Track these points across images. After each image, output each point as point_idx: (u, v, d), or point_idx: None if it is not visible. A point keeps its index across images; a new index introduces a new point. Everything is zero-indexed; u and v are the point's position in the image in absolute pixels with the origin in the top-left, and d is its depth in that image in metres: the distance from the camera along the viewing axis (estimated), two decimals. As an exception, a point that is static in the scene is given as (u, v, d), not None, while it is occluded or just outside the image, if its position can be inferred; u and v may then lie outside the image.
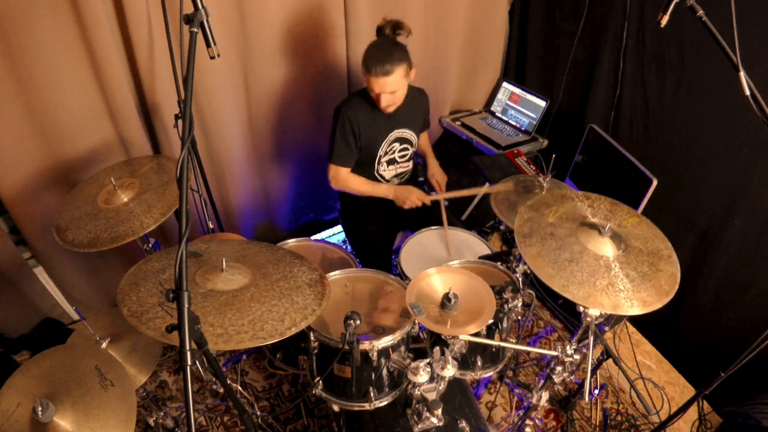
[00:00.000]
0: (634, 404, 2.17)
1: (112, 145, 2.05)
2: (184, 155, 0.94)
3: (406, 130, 2.07)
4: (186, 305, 0.87)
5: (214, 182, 2.40)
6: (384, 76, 1.79)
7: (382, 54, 1.78)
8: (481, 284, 1.49)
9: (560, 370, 1.55)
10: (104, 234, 1.53)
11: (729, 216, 2.03)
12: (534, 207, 1.52)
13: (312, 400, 2.12)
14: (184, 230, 0.89)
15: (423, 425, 1.45)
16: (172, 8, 1.80)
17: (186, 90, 1.01)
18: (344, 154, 1.99)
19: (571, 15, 2.56)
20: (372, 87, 1.84)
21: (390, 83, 1.81)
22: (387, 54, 1.78)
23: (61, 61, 1.76)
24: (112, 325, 1.49)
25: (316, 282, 1.40)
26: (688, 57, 2.05)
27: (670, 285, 1.30)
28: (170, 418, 1.57)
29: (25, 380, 1.19)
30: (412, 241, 2.00)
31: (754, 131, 1.87)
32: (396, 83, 1.82)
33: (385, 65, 1.77)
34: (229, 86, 2.19)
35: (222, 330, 1.15)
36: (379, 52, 1.79)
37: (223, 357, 2.29)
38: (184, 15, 1.16)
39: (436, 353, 1.39)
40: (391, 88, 1.83)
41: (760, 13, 1.75)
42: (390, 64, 1.77)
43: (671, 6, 1.23)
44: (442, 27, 2.62)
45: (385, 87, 1.82)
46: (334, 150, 1.99)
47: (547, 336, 2.47)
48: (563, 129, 2.77)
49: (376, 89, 1.84)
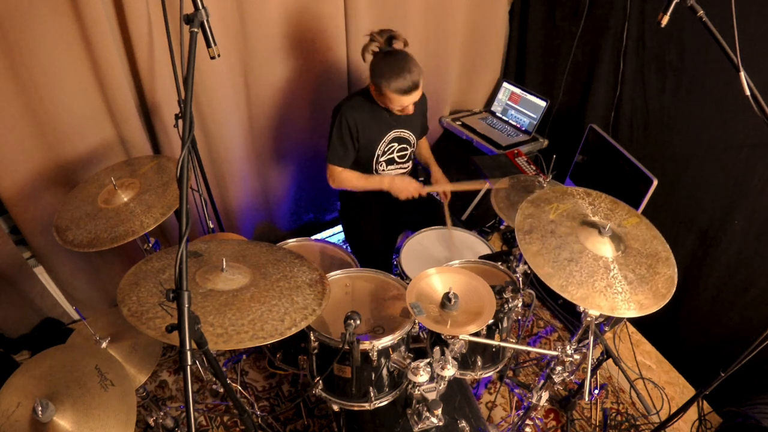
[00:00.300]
0: (634, 404, 2.17)
1: (112, 145, 2.05)
2: (184, 155, 0.94)
3: (404, 131, 2.07)
4: (186, 305, 0.87)
5: (214, 182, 2.40)
6: (415, 91, 1.80)
7: (405, 72, 1.76)
8: (481, 284, 1.49)
9: (560, 370, 1.56)
10: (104, 234, 1.53)
11: (729, 216, 2.03)
12: (535, 202, 1.52)
13: (312, 400, 2.12)
14: (184, 230, 0.89)
15: (423, 425, 1.45)
16: (172, 8, 1.80)
17: (186, 90, 1.02)
18: (341, 154, 1.99)
19: (571, 15, 2.56)
20: (398, 103, 1.83)
21: (417, 95, 1.84)
22: (408, 70, 1.76)
23: (61, 61, 1.76)
24: (112, 325, 1.48)
25: (316, 282, 1.40)
26: (688, 57, 2.05)
27: (667, 288, 1.30)
28: (170, 418, 1.57)
29: (25, 380, 1.19)
30: (413, 241, 2.00)
31: (754, 131, 1.87)
32: (420, 91, 1.84)
33: (412, 82, 1.78)
34: (229, 86, 2.19)
35: (222, 330, 1.15)
36: (402, 70, 1.76)
37: (223, 357, 2.29)
38: (184, 15, 1.16)
39: (436, 353, 1.39)
40: (416, 98, 1.85)
41: (760, 13, 1.75)
42: (415, 79, 1.78)
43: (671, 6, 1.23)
44: (442, 27, 2.62)
45: (414, 99, 1.84)
46: (331, 150, 1.99)
47: (547, 336, 2.47)
48: (563, 129, 2.77)
49: (405, 103, 1.84)
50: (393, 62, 1.79)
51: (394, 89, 1.78)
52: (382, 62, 1.80)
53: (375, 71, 1.82)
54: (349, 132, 1.94)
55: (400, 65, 1.77)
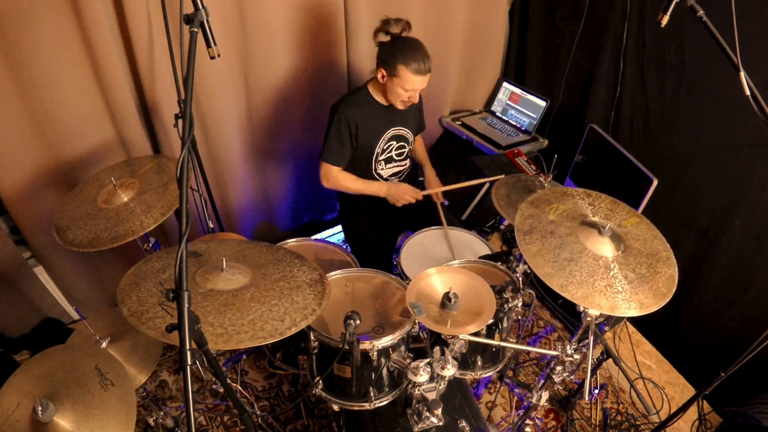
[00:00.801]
0: (634, 404, 2.17)
1: (112, 145, 2.05)
2: (184, 155, 0.94)
3: (402, 128, 2.07)
4: (186, 305, 0.87)
5: (214, 182, 2.40)
6: (428, 74, 1.82)
7: (423, 54, 1.79)
8: (481, 284, 1.49)
9: (560, 369, 1.56)
10: (104, 234, 1.53)
11: (729, 216, 2.03)
12: (535, 203, 1.52)
13: (312, 399, 2.12)
14: (184, 230, 0.89)
15: (423, 425, 1.45)
16: (172, 8, 1.80)
17: (186, 90, 1.02)
18: (337, 153, 1.98)
19: (571, 15, 2.56)
20: (412, 86, 1.83)
21: (426, 82, 1.84)
22: (425, 54, 1.80)
23: (61, 61, 1.76)
24: (112, 325, 1.48)
25: (316, 282, 1.40)
26: (688, 57, 2.05)
27: (667, 288, 1.30)
28: (170, 418, 1.57)
29: (25, 380, 1.19)
30: (413, 241, 2.00)
31: (754, 131, 1.87)
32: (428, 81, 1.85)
33: (428, 64, 1.80)
34: (229, 86, 2.19)
35: (222, 330, 1.15)
36: (419, 52, 1.79)
37: (223, 357, 2.29)
38: (184, 15, 1.16)
39: (436, 353, 1.39)
40: (425, 85, 1.85)
41: (760, 13, 1.75)
42: (430, 62, 1.80)
43: (671, 6, 1.23)
44: (442, 27, 2.62)
45: (425, 83, 1.84)
46: (327, 148, 1.98)
47: (547, 336, 2.47)
48: (563, 129, 2.77)
49: (418, 86, 1.84)
50: (412, 44, 1.82)
51: (414, 69, 1.79)
52: (400, 45, 1.82)
53: (391, 53, 1.82)
54: (348, 130, 1.94)
55: (418, 47, 1.81)
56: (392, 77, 1.84)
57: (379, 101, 1.97)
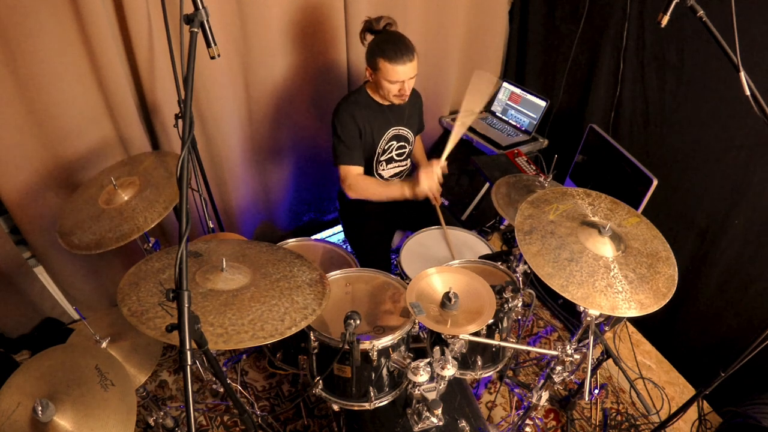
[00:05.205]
0: (634, 404, 2.17)
1: (112, 145, 2.05)
2: (184, 155, 0.94)
3: (403, 128, 2.07)
4: (186, 305, 0.87)
5: (214, 182, 2.40)
6: (409, 62, 1.79)
7: (399, 43, 1.78)
8: (481, 284, 1.49)
9: (560, 369, 1.56)
10: (109, 234, 1.53)
11: (729, 216, 2.03)
12: (535, 203, 1.52)
13: (312, 399, 2.12)
14: (184, 230, 0.89)
15: (423, 425, 1.45)
16: (172, 8, 1.80)
17: (186, 90, 1.02)
18: (352, 152, 1.94)
19: (571, 15, 2.56)
20: (395, 77, 1.81)
21: (412, 69, 1.82)
22: (403, 42, 1.79)
23: (61, 61, 1.76)
24: (112, 325, 1.48)
25: (316, 282, 1.40)
26: (688, 57, 2.05)
27: (667, 288, 1.30)
28: (170, 418, 1.57)
29: (25, 380, 1.19)
30: (413, 241, 2.00)
31: (754, 131, 1.87)
32: (415, 68, 1.83)
33: (407, 52, 1.78)
34: (229, 86, 2.19)
35: (222, 330, 1.15)
36: (396, 41, 1.79)
37: (223, 357, 2.29)
38: (184, 15, 1.16)
39: (436, 353, 1.39)
40: (412, 73, 1.83)
41: (760, 13, 1.75)
42: (410, 50, 1.79)
43: (671, 6, 1.23)
44: (442, 27, 2.62)
45: (409, 72, 1.82)
46: (339, 152, 1.94)
47: (547, 336, 2.47)
48: (563, 129, 2.77)
49: (401, 76, 1.82)
50: (389, 37, 1.82)
51: (391, 59, 1.77)
52: (378, 39, 1.82)
53: (371, 49, 1.83)
54: (357, 127, 1.93)
55: (395, 38, 1.80)
56: (376, 71, 1.84)
57: (378, 101, 1.97)
